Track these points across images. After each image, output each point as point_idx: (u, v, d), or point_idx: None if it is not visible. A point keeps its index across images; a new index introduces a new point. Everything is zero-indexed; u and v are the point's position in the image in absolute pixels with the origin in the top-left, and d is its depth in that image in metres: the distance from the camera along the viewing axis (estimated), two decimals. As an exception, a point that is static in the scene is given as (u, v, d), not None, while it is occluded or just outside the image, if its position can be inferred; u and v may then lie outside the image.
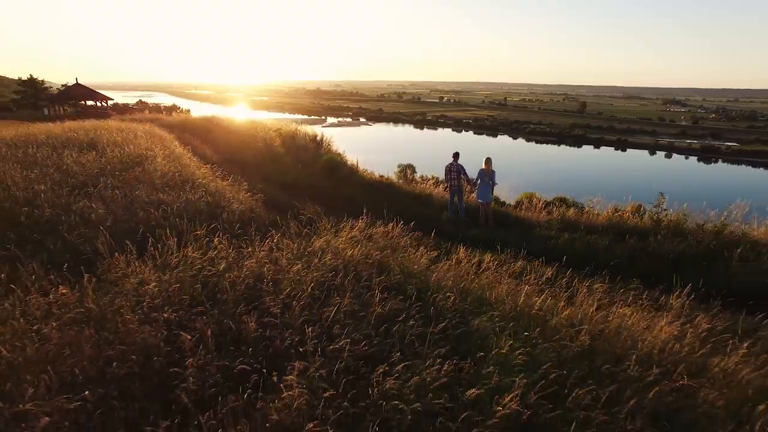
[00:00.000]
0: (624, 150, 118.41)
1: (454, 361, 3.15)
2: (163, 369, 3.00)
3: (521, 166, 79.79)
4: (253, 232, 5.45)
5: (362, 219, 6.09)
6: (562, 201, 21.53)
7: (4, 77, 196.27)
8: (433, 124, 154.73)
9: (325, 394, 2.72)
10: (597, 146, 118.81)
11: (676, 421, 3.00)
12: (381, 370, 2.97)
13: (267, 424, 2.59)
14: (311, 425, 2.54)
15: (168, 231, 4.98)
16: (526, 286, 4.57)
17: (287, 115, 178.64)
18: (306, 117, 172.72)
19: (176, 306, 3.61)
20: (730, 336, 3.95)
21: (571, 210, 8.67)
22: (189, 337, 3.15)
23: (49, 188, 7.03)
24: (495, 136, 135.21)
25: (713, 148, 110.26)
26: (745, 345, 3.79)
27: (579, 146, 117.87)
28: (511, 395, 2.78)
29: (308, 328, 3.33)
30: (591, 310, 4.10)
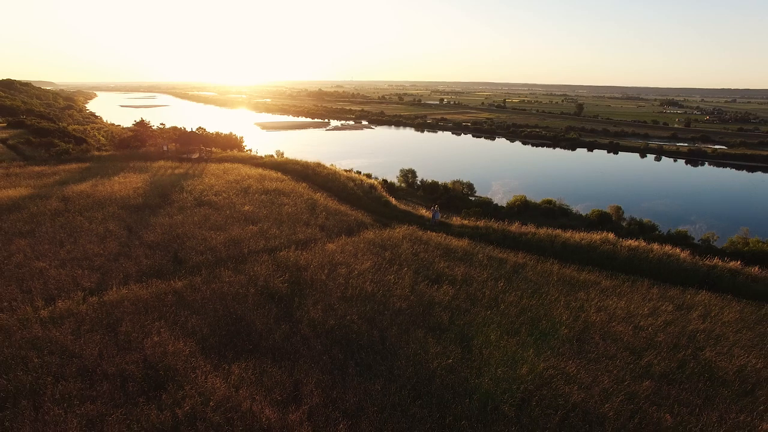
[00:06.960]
0: (616, 153, 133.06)
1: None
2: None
3: (520, 168, 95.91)
4: (377, 227, 23.49)
5: (405, 225, 24.08)
6: (549, 202, 38.30)
7: (16, 81, 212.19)
8: (433, 127, 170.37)
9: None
10: (590, 149, 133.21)
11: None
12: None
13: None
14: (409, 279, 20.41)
15: (357, 227, 23.05)
16: (445, 237, 22.65)
17: (291, 118, 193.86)
18: (310, 120, 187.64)
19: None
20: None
21: (467, 220, 26.69)
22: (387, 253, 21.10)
23: (312, 215, 24.94)
24: (493, 139, 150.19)
25: (700, 151, 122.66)
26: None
27: (573, 149, 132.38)
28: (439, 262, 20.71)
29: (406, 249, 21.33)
30: (450, 239, 22.18)
